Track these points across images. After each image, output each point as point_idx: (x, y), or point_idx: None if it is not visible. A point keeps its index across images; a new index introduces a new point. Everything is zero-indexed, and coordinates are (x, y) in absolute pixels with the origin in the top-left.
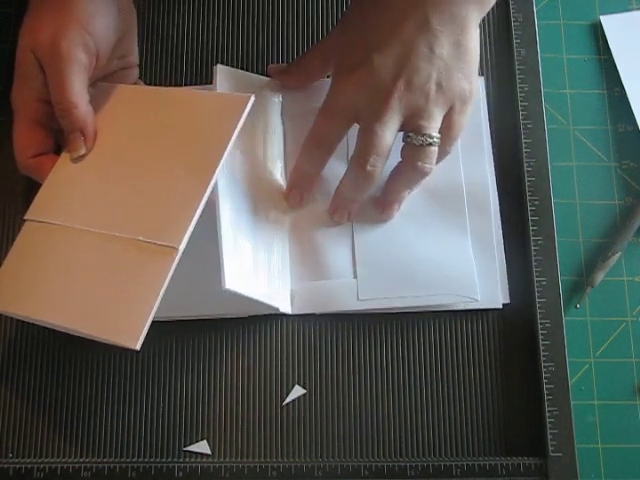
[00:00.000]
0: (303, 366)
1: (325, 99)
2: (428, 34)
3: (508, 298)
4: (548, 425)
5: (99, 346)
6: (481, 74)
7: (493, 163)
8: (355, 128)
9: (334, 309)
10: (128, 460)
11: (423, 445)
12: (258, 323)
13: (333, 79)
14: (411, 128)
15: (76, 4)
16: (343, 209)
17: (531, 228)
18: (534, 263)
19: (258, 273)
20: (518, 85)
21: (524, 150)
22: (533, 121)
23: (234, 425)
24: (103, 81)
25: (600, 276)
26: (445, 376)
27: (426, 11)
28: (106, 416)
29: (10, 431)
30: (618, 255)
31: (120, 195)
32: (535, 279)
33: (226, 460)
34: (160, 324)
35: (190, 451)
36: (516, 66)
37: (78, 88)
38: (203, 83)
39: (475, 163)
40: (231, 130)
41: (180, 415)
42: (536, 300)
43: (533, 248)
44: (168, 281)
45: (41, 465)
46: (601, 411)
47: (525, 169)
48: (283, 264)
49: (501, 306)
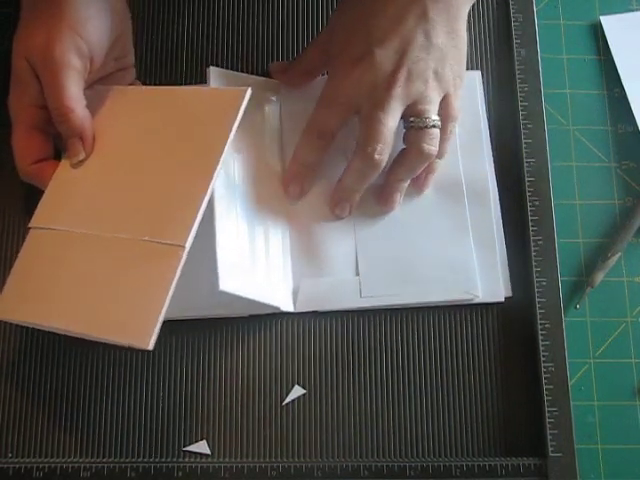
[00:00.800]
0: (303, 366)
1: (324, 90)
2: (426, 25)
3: (510, 291)
4: (548, 425)
5: (99, 346)
6: (482, 75)
7: (492, 160)
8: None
9: (337, 306)
10: (128, 460)
11: (423, 445)
12: (257, 323)
13: (332, 71)
14: (413, 113)
15: (68, 9)
16: (345, 202)
17: (531, 228)
18: (534, 263)
19: (256, 273)
20: (518, 85)
21: (524, 150)
22: (533, 121)
23: (234, 425)
24: (100, 83)
25: (600, 276)
26: (445, 378)
27: (425, 4)
28: (106, 416)
29: (10, 431)
30: (618, 255)
31: (123, 197)
32: (535, 279)
33: (226, 460)
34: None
35: (190, 451)
36: (516, 66)
37: (74, 93)
38: (203, 83)
39: (474, 157)
40: (230, 124)
41: (180, 415)
42: (536, 300)
43: (533, 248)
44: (177, 279)
45: (41, 465)
46: (601, 411)
47: (525, 169)
48: (284, 262)
49: (503, 299)
